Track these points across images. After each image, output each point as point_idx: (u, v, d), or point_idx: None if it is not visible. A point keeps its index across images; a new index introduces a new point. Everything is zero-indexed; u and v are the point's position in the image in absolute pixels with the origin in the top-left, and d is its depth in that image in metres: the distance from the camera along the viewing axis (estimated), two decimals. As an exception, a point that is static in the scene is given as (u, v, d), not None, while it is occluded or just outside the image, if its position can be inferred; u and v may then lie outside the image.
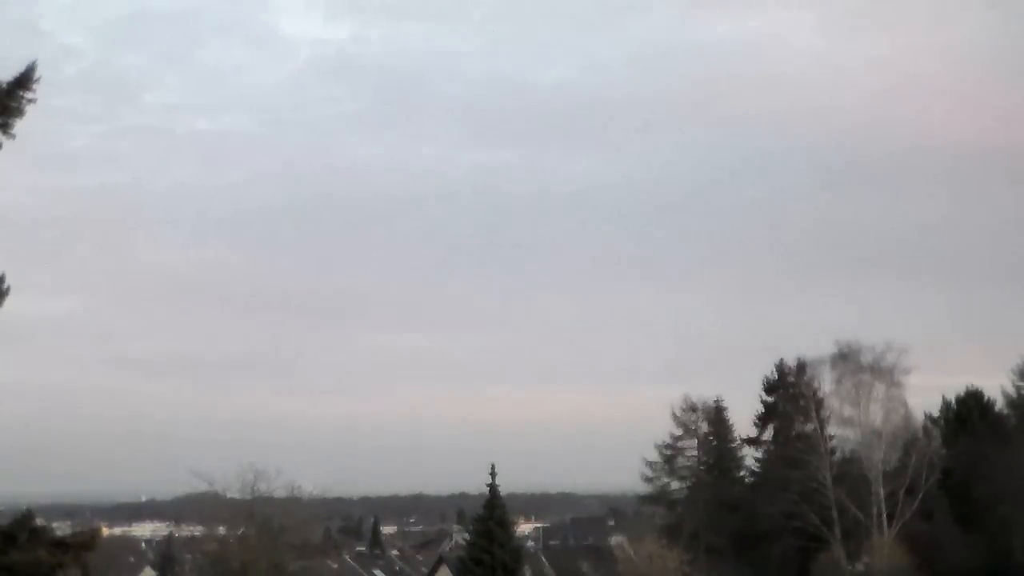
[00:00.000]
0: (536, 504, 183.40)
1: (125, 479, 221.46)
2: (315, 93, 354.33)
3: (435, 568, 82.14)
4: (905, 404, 61.42)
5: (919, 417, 65.59)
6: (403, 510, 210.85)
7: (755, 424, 68.67)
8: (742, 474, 70.48)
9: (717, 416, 69.39)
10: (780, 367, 67.68)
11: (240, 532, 56.70)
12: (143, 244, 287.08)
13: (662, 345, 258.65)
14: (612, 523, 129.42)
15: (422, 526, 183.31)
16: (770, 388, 68.31)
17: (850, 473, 60.43)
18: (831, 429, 62.61)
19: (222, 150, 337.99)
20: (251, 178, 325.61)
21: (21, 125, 20.16)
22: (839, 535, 58.74)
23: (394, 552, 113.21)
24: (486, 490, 59.00)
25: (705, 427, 69.22)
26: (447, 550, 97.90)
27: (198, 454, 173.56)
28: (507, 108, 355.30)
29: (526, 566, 68.46)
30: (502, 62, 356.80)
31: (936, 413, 68.39)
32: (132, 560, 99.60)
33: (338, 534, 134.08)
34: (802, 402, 64.59)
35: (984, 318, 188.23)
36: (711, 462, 69.11)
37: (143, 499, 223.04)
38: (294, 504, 58.83)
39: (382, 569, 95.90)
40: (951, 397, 68.37)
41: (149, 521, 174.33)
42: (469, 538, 61.78)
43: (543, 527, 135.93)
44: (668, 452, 69.00)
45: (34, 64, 20.14)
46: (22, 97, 19.99)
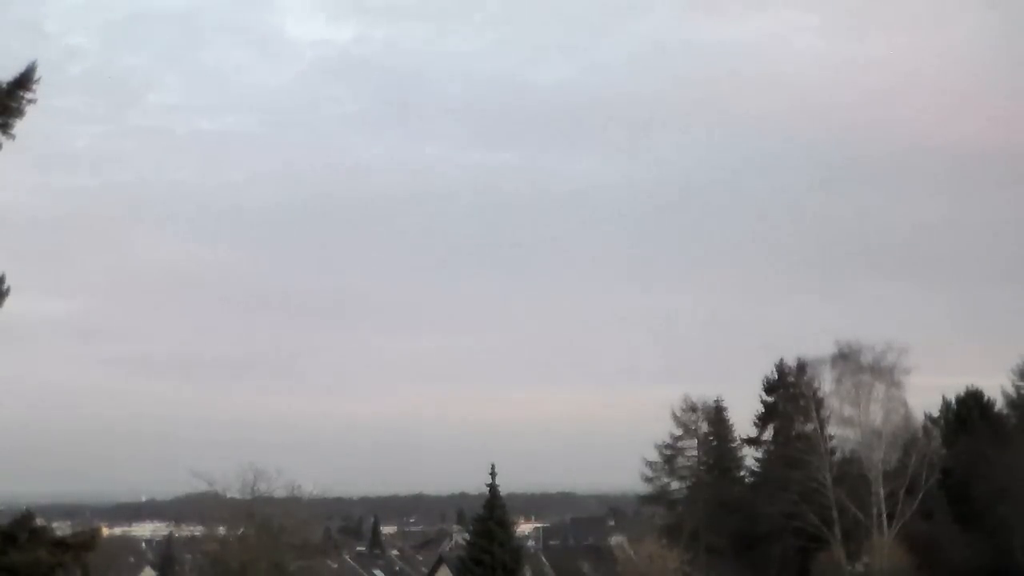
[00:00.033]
0: (536, 504, 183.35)
1: (125, 479, 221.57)
2: (317, 93, 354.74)
3: (435, 568, 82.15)
4: (905, 404, 61.47)
5: (919, 417, 65.68)
6: (403, 510, 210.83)
7: (755, 424, 68.71)
8: (742, 474, 70.47)
9: (717, 416, 69.39)
10: (780, 367, 67.72)
11: (240, 532, 56.73)
12: (144, 244, 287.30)
13: (662, 345, 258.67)
14: (612, 523, 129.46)
15: (422, 526, 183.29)
16: (770, 388, 68.31)
17: (850, 473, 60.39)
18: (831, 429, 62.64)
19: (224, 150, 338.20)
20: (252, 178, 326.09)
21: (23, 125, 20.13)
22: (839, 535, 58.71)
23: (394, 552, 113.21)
24: (486, 490, 59.02)
25: (705, 427, 69.22)
26: (447, 550, 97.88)
27: (198, 454, 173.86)
28: (508, 108, 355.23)
29: (526, 566, 68.45)
30: (503, 63, 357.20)
31: (936, 413, 68.49)
32: (132, 560, 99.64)
33: (338, 534, 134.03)
34: (802, 402, 64.56)
35: (984, 318, 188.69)
36: (711, 462, 69.09)
37: (143, 499, 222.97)
38: (294, 504, 58.86)
39: (382, 569, 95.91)
40: (951, 397, 68.56)
41: (149, 521, 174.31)
42: (469, 538, 61.77)
43: (543, 527, 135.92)
44: (668, 452, 69.00)
45: (34, 64, 20.11)
46: (22, 97, 19.95)
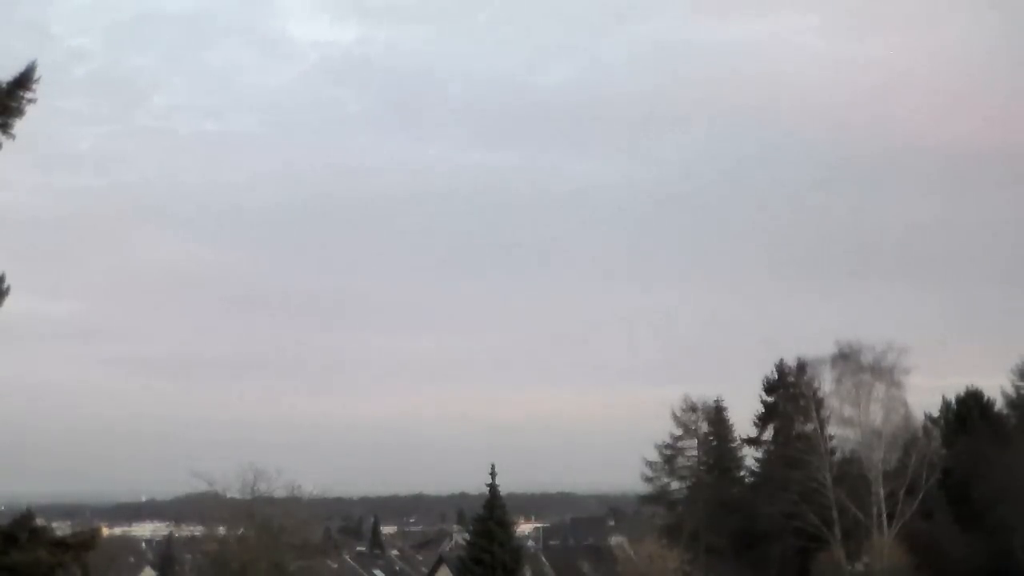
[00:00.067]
0: (536, 504, 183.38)
1: (125, 479, 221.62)
2: (319, 94, 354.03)
3: (435, 568, 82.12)
4: (905, 404, 61.40)
5: (919, 417, 65.63)
6: (403, 510, 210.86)
7: (755, 424, 68.69)
8: (742, 474, 70.46)
9: (717, 416, 69.37)
10: (780, 367, 67.70)
11: (240, 532, 56.72)
12: (146, 244, 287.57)
13: (662, 345, 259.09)
14: (612, 523, 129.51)
15: (422, 526, 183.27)
16: (770, 388, 68.29)
17: (850, 473, 60.36)
18: (831, 429, 62.58)
19: (226, 151, 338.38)
20: (255, 178, 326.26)
21: (25, 125, 20.15)
22: (839, 535, 58.69)
23: (394, 552, 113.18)
24: (486, 490, 59.03)
25: (705, 427, 69.21)
26: (447, 550, 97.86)
27: (198, 454, 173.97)
28: (509, 109, 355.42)
29: (526, 566, 68.45)
30: (505, 63, 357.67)
31: (936, 413, 68.49)
32: (132, 560, 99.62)
33: (338, 534, 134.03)
34: (802, 402, 64.53)
35: (984, 318, 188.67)
36: (711, 462, 69.07)
37: (143, 499, 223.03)
38: (294, 504, 58.84)
39: (382, 569, 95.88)
40: (951, 397, 68.58)
41: (149, 521, 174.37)
42: (469, 538, 61.76)
43: (543, 527, 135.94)
44: (668, 452, 68.98)
45: (34, 64, 20.11)
46: (22, 97, 19.96)
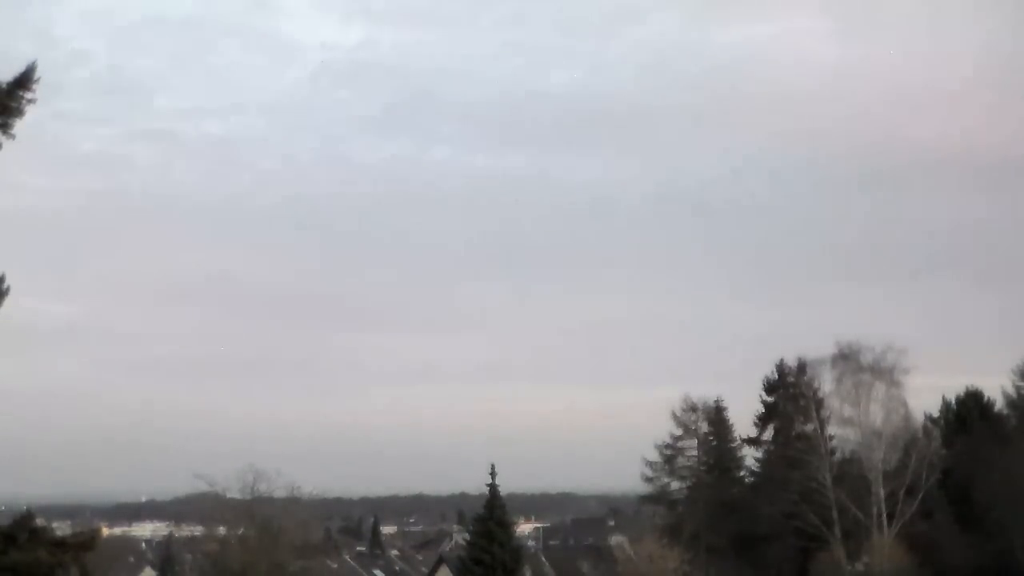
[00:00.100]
0: (536, 504, 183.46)
1: (125, 479, 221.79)
2: (325, 97, 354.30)
3: (435, 568, 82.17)
4: (905, 404, 61.25)
5: (919, 417, 65.50)
6: (403, 510, 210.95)
7: (755, 424, 68.64)
8: (742, 474, 70.39)
9: (717, 416, 69.33)
10: (780, 367, 67.65)
11: (240, 532, 56.77)
12: (148, 246, 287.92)
13: (662, 345, 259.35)
14: (612, 523, 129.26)
15: (422, 526, 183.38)
16: (770, 388, 68.25)
17: (850, 473, 60.30)
18: (831, 429, 62.47)
19: (231, 153, 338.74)
20: (259, 181, 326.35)
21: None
22: (839, 535, 58.64)
23: (394, 552, 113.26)
24: (486, 490, 58.98)
25: (705, 427, 69.14)
26: (447, 550, 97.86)
27: (198, 454, 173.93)
28: (514, 111, 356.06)
29: (526, 566, 68.46)
30: (511, 67, 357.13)
31: (936, 413, 68.35)
32: (132, 560, 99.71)
33: (338, 534, 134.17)
34: (802, 402, 64.48)
35: (984, 318, 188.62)
36: (711, 462, 69.02)
37: (143, 499, 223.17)
38: (294, 504, 58.88)
39: (382, 569, 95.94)
40: (951, 397, 68.34)
41: (149, 521, 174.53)
42: (469, 538, 61.73)
43: (543, 527, 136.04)
44: (668, 452, 68.93)
45: (34, 64, 20.13)
46: (22, 97, 19.98)
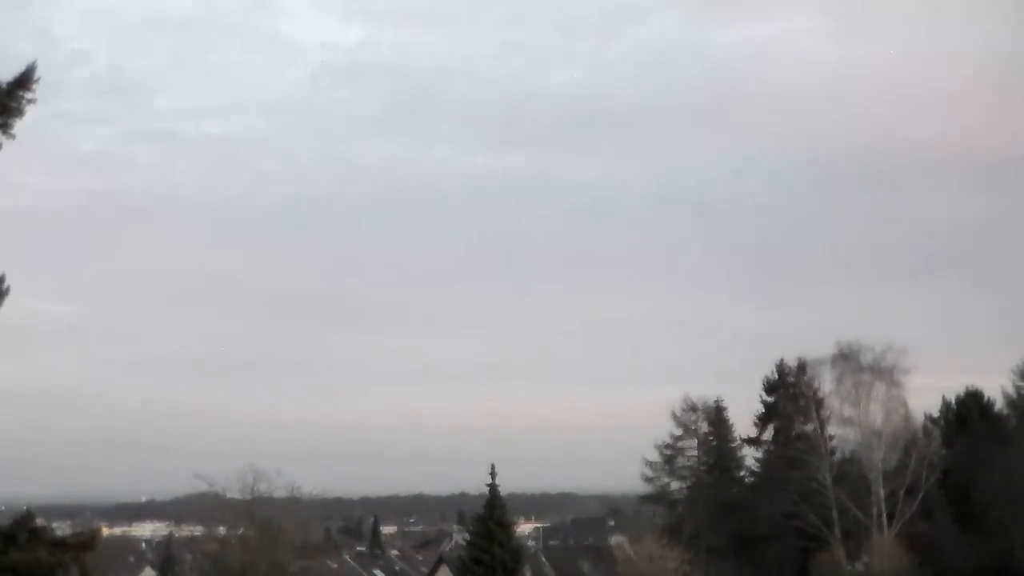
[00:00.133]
0: (536, 504, 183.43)
1: (125, 479, 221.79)
2: (325, 97, 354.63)
3: (435, 568, 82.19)
4: (905, 404, 61.24)
5: (919, 417, 65.50)
6: (403, 510, 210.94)
7: (755, 424, 68.62)
8: (742, 474, 70.37)
9: (717, 416, 69.32)
10: (780, 367, 67.63)
11: (240, 532, 56.77)
12: (148, 246, 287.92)
13: (662, 345, 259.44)
14: (612, 523, 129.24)
15: (422, 526, 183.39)
16: (770, 388, 68.23)
17: (850, 473, 60.29)
18: (831, 429, 62.45)
19: (230, 153, 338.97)
20: (259, 181, 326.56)
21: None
22: (839, 535, 58.63)
23: (394, 552, 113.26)
24: (486, 490, 58.99)
25: (705, 427, 69.13)
26: (447, 550, 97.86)
27: (198, 454, 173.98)
28: (514, 111, 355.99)
29: (526, 566, 68.46)
30: (511, 67, 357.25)
31: (936, 413, 68.35)
32: (132, 560, 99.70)
33: (338, 534, 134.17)
34: (802, 402, 64.46)
35: (984, 318, 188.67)
36: (711, 462, 69.01)
37: (143, 499, 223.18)
38: (294, 504, 58.88)
39: (382, 569, 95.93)
40: (951, 397, 68.35)
41: (149, 521, 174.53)
42: (469, 538, 61.74)
43: (543, 527, 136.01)
44: (668, 452, 68.92)
45: (34, 64, 20.13)
46: (22, 97, 19.98)
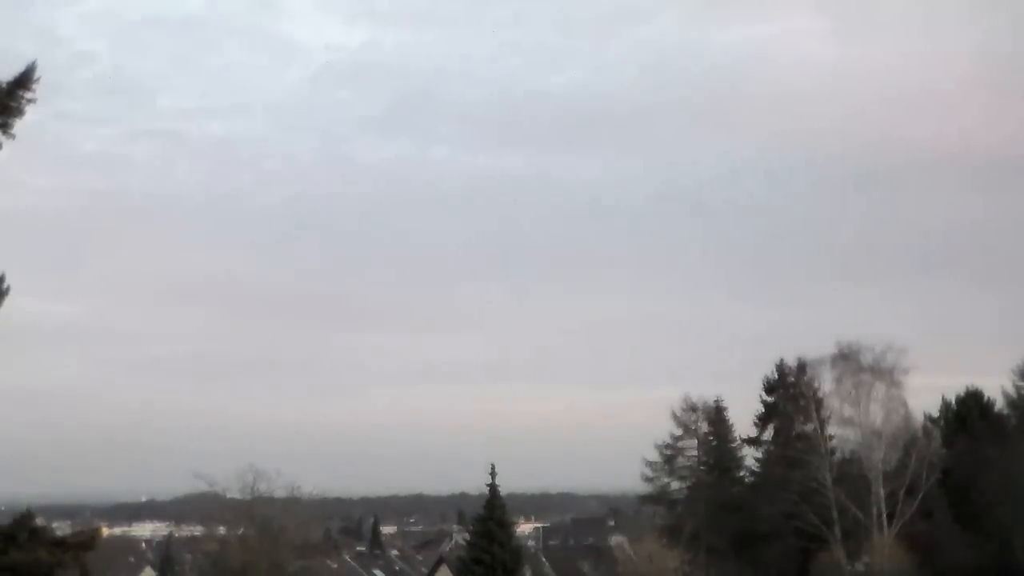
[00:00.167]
0: (536, 504, 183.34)
1: (125, 479, 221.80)
2: (327, 97, 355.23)
3: (435, 568, 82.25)
4: (905, 404, 61.25)
5: (919, 417, 65.52)
6: (403, 510, 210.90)
7: (755, 424, 68.59)
8: (742, 474, 70.35)
9: (717, 416, 69.30)
10: (780, 367, 67.59)
11: (240, 532, 56.77)
12: (149, 246, 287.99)
13: (662, 345, 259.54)
14: (612, 523, 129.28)
15: (422, 526, 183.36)
16: (770, 388, 68.20)
17: (850, 473, 60.29)
18: (831, 429, 62.44)
19: (232, 153, 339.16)
20: (260, 181, 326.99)
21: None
22: (839, 535, 58.62)
23: (394, 552, 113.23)
24: (486, 490, 59.00)
25: (705, 427, 69.11)
26: (447, 550, 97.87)
27: (198, 454, 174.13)
28: (515, 111, 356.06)
29: (526, 566, 68.46)
30: (512, 67, 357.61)
31: (936, 413, 68.38)
32: (132, 560, 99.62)
33: (338, 534, 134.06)
34: (802, 402, 64.45)
35: (983, 318, 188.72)
36: (711, 462, 69.01)
37: (143, 499, 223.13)
38: (294, 504, 58.86)
39: (382, 569, 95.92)
40: (951, 397, 68.41)
41: (149, 521, 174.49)
42: (469, 538, 61.75)
43: (543, 527, 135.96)
44: (668, 452, 68.91)
45: (34, 64, 20.13)
46: (22, 97, 19.98)
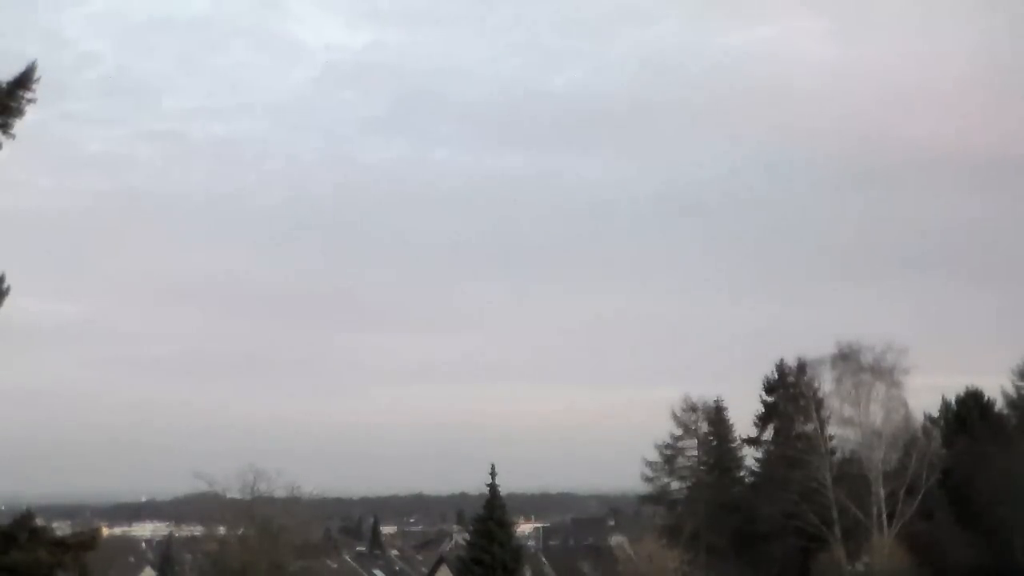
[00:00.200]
0: (536, 504, 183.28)
1: (125, 479, 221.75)
2: (330, 98, 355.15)
3: (435, 568, 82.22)
4: (905, 404, 61.27)
5: (919, 417, 65.54)
6: (403, 510, 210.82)
7: (755, 424, 68.60)
8: (742, 474, 70.37)
9: (717, 416, 69.33)
10: (780, 367, 67.58)
11: (240, 532, 56.80)
12: (151, 246, 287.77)
13: (662, 345, 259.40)
14: (612, 523, 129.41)
15: (422, 526, 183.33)
16: (770, 388, 68.20)
17: (850, 473, 60.31)
18: (831, 429, 62.46)
19: (236, 153, 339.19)
20: (263, 181, 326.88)
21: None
22: (839, 535, 58.63)
23: (394, 552, 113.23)
24: (486, 490, 59.04)
25: (705, 427, 69.15)
26: (447, 550, 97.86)
27: (198, 454, 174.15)
28: (517, 112, 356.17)
29: (526, 566, 68.48)
30: (513, 67, 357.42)
31: (936, 413, 68.37)
32: (132, 560, 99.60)
33: (338, 534, 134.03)
34: (802, 402, 64.45)
35: (984, 318, 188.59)
36: (711, 462, 69.03)
37: (143, 499, 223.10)
38: (294, 504, 58.93)
39: (382, 569, 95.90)
40: (951, 397, 68.40)
41: (149, 521, 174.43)
42: (469, 538, 61.77)
43: (543, 527, 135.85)
44: (668, 452, 68.93)
45: (34, 64, 20.11)
46: (22, 97, 19.96)
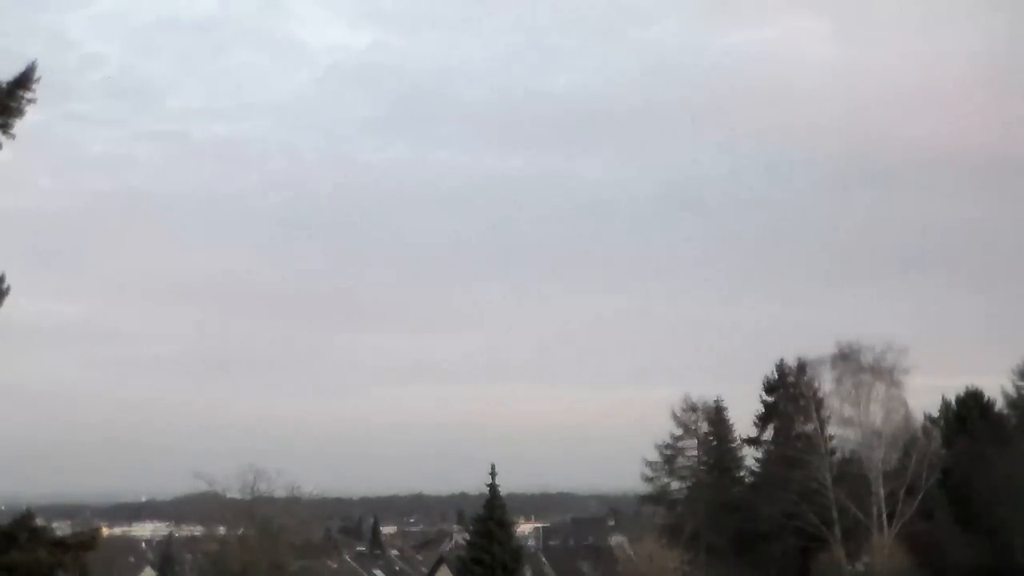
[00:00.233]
0: (536, 504, 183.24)
1: (125, 479, 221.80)
2: (332, 98, 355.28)
3: (435, 568, 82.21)
4: (905, 404, 61.32)
5: (919, 417, 65.58)
6: (403, 510, 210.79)
7: (755, 424, 68.64)
8: (742, 474, 70.40)
9: (717, 416, 69.35)
10: (780, 367, 67.63)
11: (240, 532, 56.81)
12: (153, 246, 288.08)
13: (663, 345, 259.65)
14: (612, 523, 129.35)
15: (422, 526, 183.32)
16: (770, 388, 68.23)
17: (850, 473, 60.34)
18: (831, 429, 62.51)
19: (238, 154, 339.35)
20: (265, 182, 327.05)
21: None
22: (839, 535, 58.66)
23: (394, 552, 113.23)
24: (486, 490, 59.09)
25: (705, 427, 69.18)
26: (447, 550, 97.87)
27: (198, 454, 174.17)
28: (519, 113, 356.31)
29: (526, 566, 68.48)
30: (516, 69, 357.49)
31: (936, 413, 68.40)
32: (132, 560, 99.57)
33: (338, 534, 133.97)
34: (802, 402, 64.49)
35: (984, 318, 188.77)
36: (711, 462, 69.05)
37: (143, 499, 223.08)
38: (294, 504, 58.96)
39: (382, 569, 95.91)
40: (951, 397, 68.44)
41: (149, 521, 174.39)
42: (469, 538, 61.80)
43: (543, 527, 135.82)
44: (668, 452, 68.96)
45: (34, 64, 20.10)
46: (22, 97, 19.94)
